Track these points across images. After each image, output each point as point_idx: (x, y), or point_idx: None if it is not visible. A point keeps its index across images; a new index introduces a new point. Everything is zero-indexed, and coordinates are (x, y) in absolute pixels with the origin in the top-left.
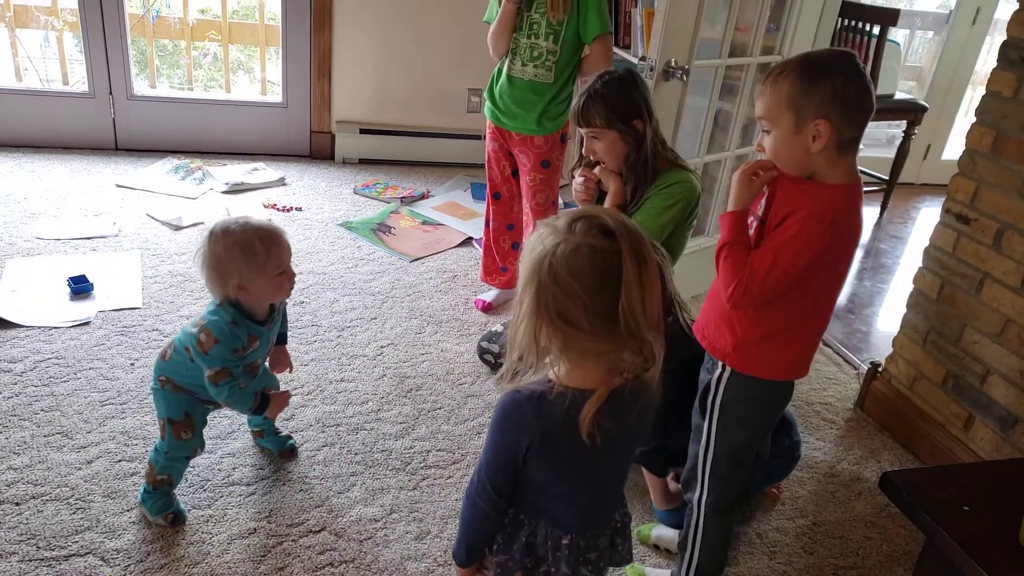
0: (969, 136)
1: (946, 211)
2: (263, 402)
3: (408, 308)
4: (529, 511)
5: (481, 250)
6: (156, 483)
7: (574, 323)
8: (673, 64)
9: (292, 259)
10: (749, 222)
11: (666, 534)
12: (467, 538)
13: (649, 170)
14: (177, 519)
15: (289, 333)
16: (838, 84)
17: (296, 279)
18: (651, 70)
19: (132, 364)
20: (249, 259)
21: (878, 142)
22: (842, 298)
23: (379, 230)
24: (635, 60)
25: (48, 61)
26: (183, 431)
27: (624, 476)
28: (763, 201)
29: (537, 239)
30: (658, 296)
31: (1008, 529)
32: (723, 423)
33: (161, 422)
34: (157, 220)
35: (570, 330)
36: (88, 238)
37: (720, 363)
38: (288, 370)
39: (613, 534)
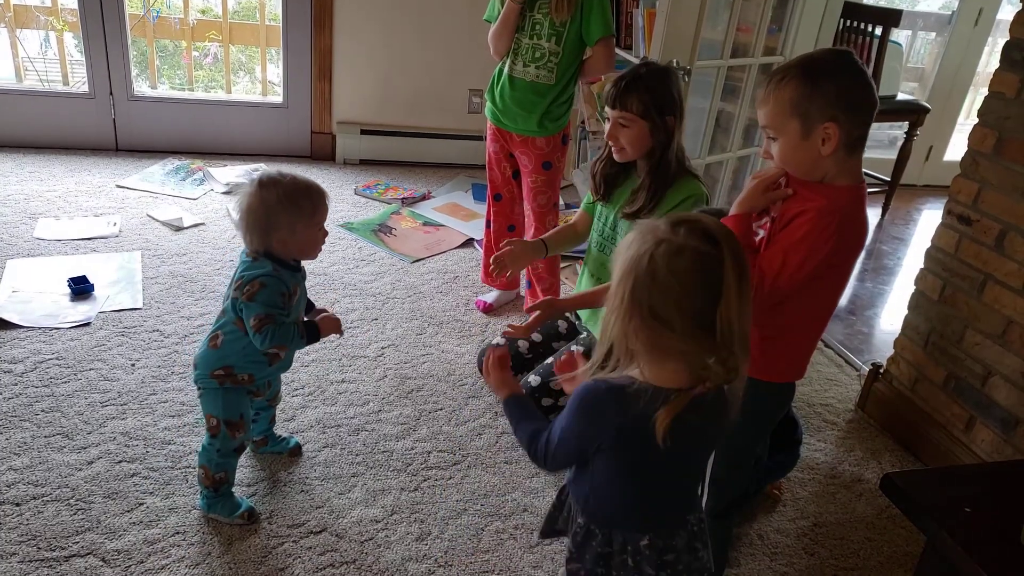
0: (971, 137)
1: (948, 212)
2: (311, 331)
3: (409, 309)
4: (599, 522)
5: (482, 251)
6: (215, 483)
7: (666, 322)
8: (675, 65)
9: None
10: (763, 223)
11: None
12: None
13: (671, 175)
14: (253, 514)
15: None
16: (841, 85)
17: None
18: None
19: (133, 365)
20: (299, 211)
21: (880, 143)
22: (843, 299)
23: (380, 231)
24: (636, 61)
25: (48, 62)
26: (237, 431)
27: (698, 480)
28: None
29: (637, 236)
30: (751, 309)
31: (1010, 531)
32: None
33: (214, 420)
34: (158, 221)
35: (660, 328)
36: (89, 239)
37: None
38: (337, 334)
39: (691, 538)
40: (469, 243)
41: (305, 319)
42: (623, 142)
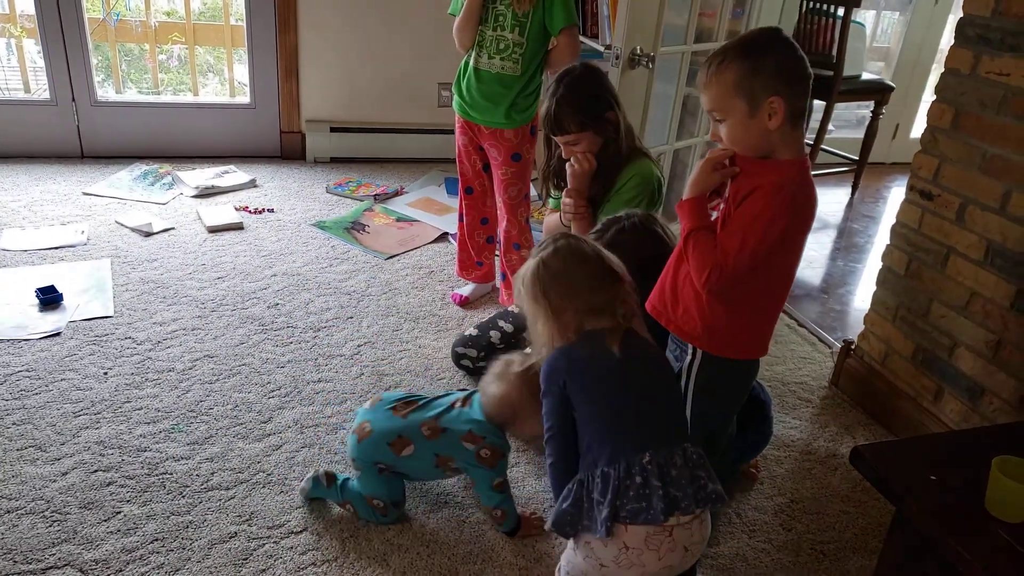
0: (930, 113)
1: (911, 188)
2: (518, 521)
3: (384, 306)
4: (607, 461)
5: (456, 245)
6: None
7: (559, 307)
8: (639, 51)
9: (266, 260)
10: (715, 204)
11: None
12: (557, 495)
13: (623, 158)
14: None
15: (264, 336)
16: (780, 59)
17: (270, 280)
18: (617, 58)
19: (105, 374)
20: None
21: (848, 123)
22: (816, 278)
23: (353, 228)
24: (602, 49)
25: (8, 69)
26: (390, 508)
27: (672, 407)
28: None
29: (524, 265)
30: (588, 276)
31: (975, 497)
32: (697, 408)
33: (368, 497)
34: (126, 227)
35: (562, 311)
36: (56, 248)
37: (690, 348)
38: None
39: (691, 465)
40: (443, 237)
41: None
42: (581, 151)
